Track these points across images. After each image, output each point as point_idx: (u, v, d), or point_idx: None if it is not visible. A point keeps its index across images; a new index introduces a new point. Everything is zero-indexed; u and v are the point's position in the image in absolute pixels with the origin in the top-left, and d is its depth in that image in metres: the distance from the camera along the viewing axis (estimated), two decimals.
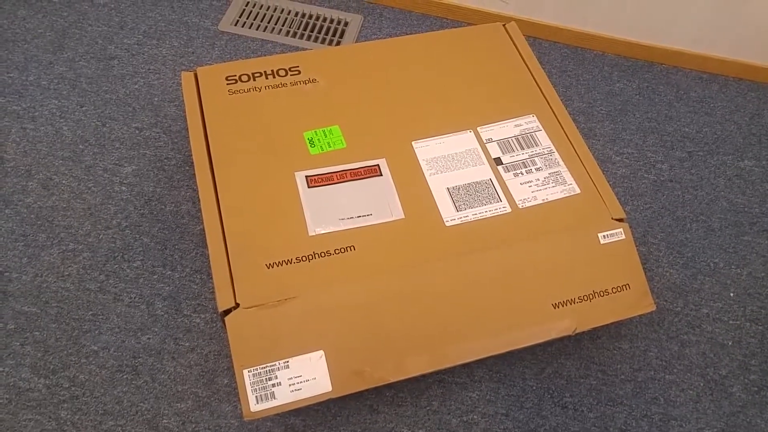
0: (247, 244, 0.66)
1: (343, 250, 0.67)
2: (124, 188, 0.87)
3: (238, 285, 0.63)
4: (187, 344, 0.74)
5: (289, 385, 0.59)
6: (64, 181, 0.86)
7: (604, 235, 0.71)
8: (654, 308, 0.68)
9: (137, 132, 0.94)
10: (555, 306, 0.66)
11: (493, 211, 0.72)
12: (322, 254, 0.67)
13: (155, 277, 0.78)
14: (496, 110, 0.82)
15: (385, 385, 0.71)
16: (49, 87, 0.98)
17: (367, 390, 0.71)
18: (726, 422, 0.71)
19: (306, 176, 0.72)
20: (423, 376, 0.72)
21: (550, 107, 0.83)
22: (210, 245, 0.66)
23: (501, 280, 0.67)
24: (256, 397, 0.58)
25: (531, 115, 0.82)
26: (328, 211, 0.70)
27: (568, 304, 0.67)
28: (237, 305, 0.62)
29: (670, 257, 0.84)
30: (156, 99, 0.98)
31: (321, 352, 0.61)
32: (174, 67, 1.03)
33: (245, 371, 0.59)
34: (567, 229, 0.72)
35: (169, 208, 0.85)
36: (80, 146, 0.91)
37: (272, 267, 0.65)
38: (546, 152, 0.78)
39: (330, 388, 0.60)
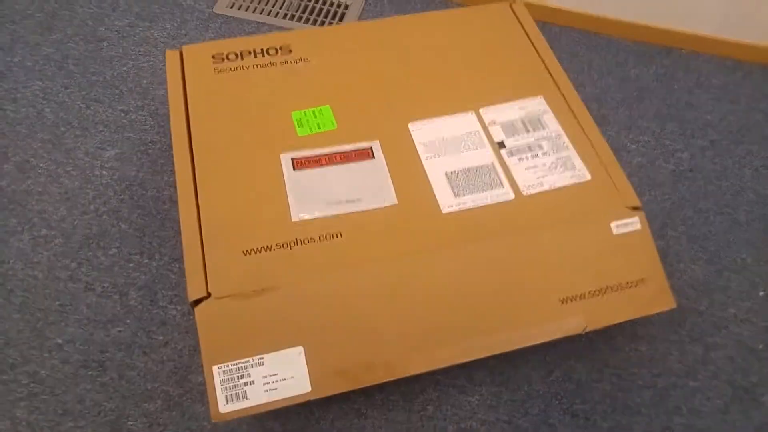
0: (223, 229, 0.61)
1: (328, 237, 0.61)
2: (104, 172, 0.82)
3: (211, 272, 0.57)
4: (160, 338, 0.68)
5: (264, 384, 0.53)
6: (41, 164, 0.82)
7: (617, 225, 0.64)
8: (674, 305, 0.61)
9: (123, 115, 0.89)
10: (563, 301, 0.60)
11: (495, 198, 0.65)
12: (306, 241, 0.61)
13: (131, 265, 0.73)
14: (500, 91, 0.76)
15: (374, 387, 0.65)
16: (34, 68, 0.93)
17: (354, 392, 0.64)
18: None
19: (292, 158, 0.67)
20: (416, 377, 0.66)
21: (559, 90, 0.77)
22: (183, 228, 0.60)
23: (503, 272, 0.61)
24: (227, 396, 0.52)
25: (538, 97, 0.75)
26: (314, 195, 0.64)
27: (578, 299, 0.60)
28: (209, 295, 0.56)
29: (692, 252, 0.77)
30: (145, 81, 0.93)
31: (300, 349, 0.55)
32: (166, 50, 0.98)
33: (215, 368, 0.53)
34: (576, 217, 0.65)
35: (150, 194, 0.80)
36: (62, 128, 0.86)
37: (250, 254, 0.59)
38: (554, 136, 0.72)
39: (309, 389, 0.53)
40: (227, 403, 0.52)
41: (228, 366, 0.53)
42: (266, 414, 0.63)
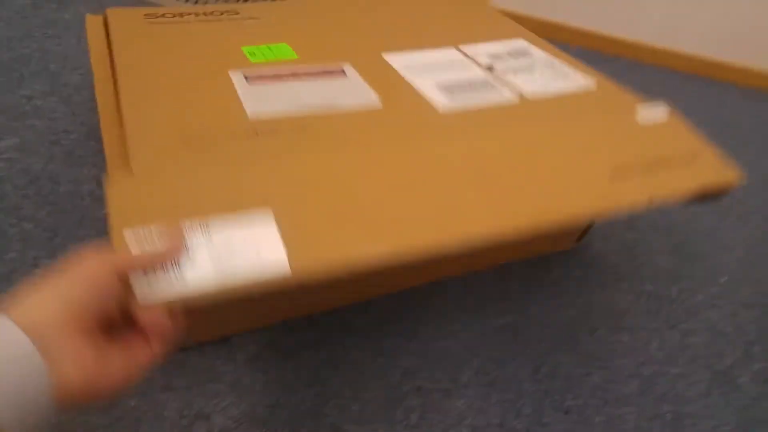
0: (155, 120, 0.45)
1: (299, 130, 0.47)
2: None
3: (136, 165, 0.40)
4: None
5: (214, 257, 0.33)
6: None
7: (643, 117, 0.56)
8: (740, 178, 0.50)
9: (25, 101, 0.75)
10: (616, 171, 0.48)
11: (498, 101, 0.55)
12: (269, 133, 0.46)
13: (38, 271, 0.59)
14: (477, 34, 0.70)
15: (348, 396, 0.56)
16: None
17: (326, 403, 0.55)
18: (739, 417, 0.61)
19: (245, 75, 0.53)
20: (394, 385, 0.58)
21: (535, 39, 0.72)
22: (102, 122, 0.44)
23: (534, 152, 0.48)
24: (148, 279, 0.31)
25: (519, 38, 0.71)
26: (276, 100, 0.50)
27: (631, 173, 0.48)
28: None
29: (658, 244, 0.77)
30: (53, 66, 0.80)
31: (268, 212, 0.37)
32: (79, 33, 0.85)
33: (128, 232, 0.33)
34: (597, 110, 0.56)
35: (64, 189, 0.66)
36: None
37: (194, 146, 0.43)
38: (545, 62, 0.66)
39: (286, 266, 0.34)
40: (149, 286, 0.31)
41: (151, 230, 0.33)
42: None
